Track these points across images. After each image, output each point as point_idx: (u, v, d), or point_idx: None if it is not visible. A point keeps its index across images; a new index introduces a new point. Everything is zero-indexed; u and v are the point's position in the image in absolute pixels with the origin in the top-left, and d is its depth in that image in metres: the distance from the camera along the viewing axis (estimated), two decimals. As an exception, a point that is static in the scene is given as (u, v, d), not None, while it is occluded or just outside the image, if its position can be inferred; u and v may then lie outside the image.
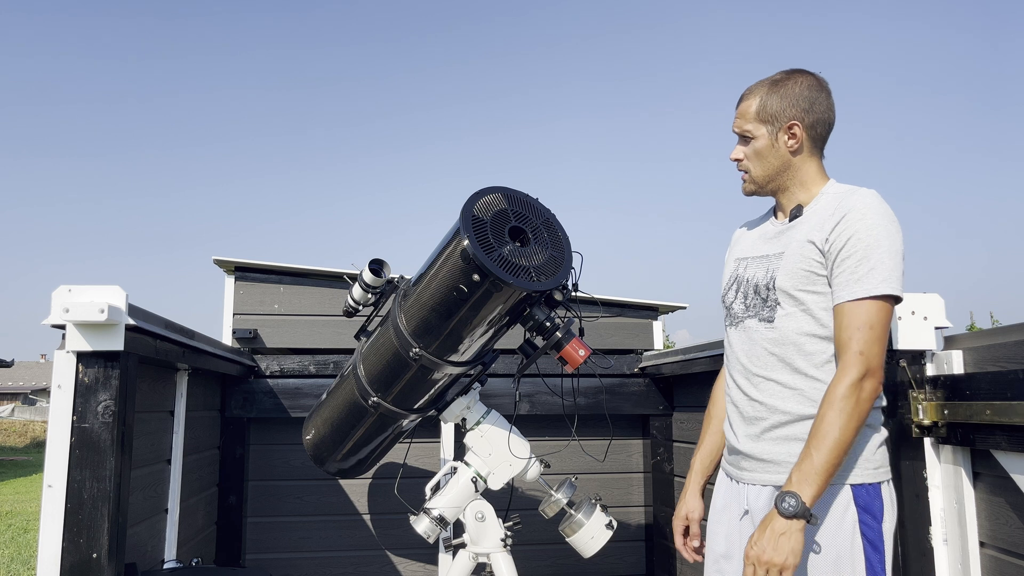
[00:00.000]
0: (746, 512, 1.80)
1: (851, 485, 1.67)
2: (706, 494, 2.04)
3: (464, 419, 2.43)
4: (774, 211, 1.94)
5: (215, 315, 3.56)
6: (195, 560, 2.83)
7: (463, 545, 2.39)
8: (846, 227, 1.66)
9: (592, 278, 3.15)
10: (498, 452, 2.37)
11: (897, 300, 1.65)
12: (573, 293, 2.08)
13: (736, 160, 1.87)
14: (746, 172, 1.85)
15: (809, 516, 1.56)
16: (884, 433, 1.75)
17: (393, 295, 2.35)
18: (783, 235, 1.81)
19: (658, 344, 3.81)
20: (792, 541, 1.55)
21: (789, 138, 1.79)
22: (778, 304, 1.75)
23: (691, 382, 3.42)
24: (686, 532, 2.04)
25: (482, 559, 2.38)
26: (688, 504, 2.04)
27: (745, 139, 1.84)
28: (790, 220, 1.81)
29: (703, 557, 1.99)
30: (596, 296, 2.41)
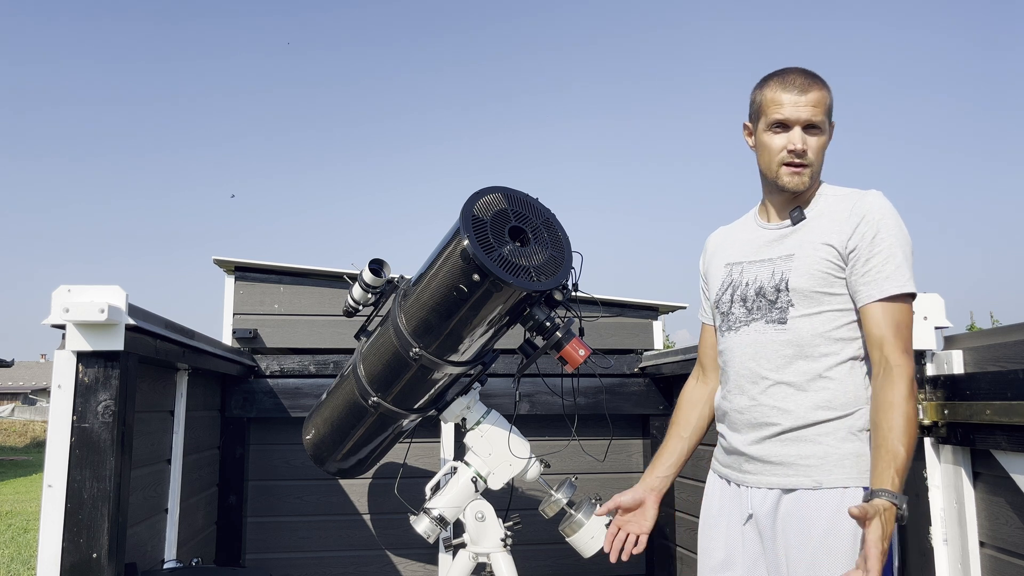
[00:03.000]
0: (750, 517, 1.76)
1: (864, 488, 1.66)
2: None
3: (464, 419, 2.43)
4: (757, 215, 1.91)
5: (215, 315, 3.57)
6: (195, 560, 2.83)
7: (463, 545, 2.39)
8: (868, 228, 1.67)
9: (592, 278, 3.15)
10: (498, 452, 2.37)
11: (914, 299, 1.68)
12: (573, 293, 2.08)
13: (802, 151, 1.71)
14: (808, 166, 1.73)
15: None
16: None
17: (393, 295, 2.35)
18: (788, 238, 1.79)
19: (658, 344, 3.81)
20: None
21: (830, 138, 1.79)
22: (791, 305, 1.73)
23: (691, 382, 3.41)
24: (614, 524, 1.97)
25: (482, 559, 2.38)
26: (630, 493, 1.96)
27: (812, 130, 1.72)
28: (793, 223, 1.79)
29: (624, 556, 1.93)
30: (596, 296, 2.41)
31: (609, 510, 1.99)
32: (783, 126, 1.73)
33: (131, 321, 1.98)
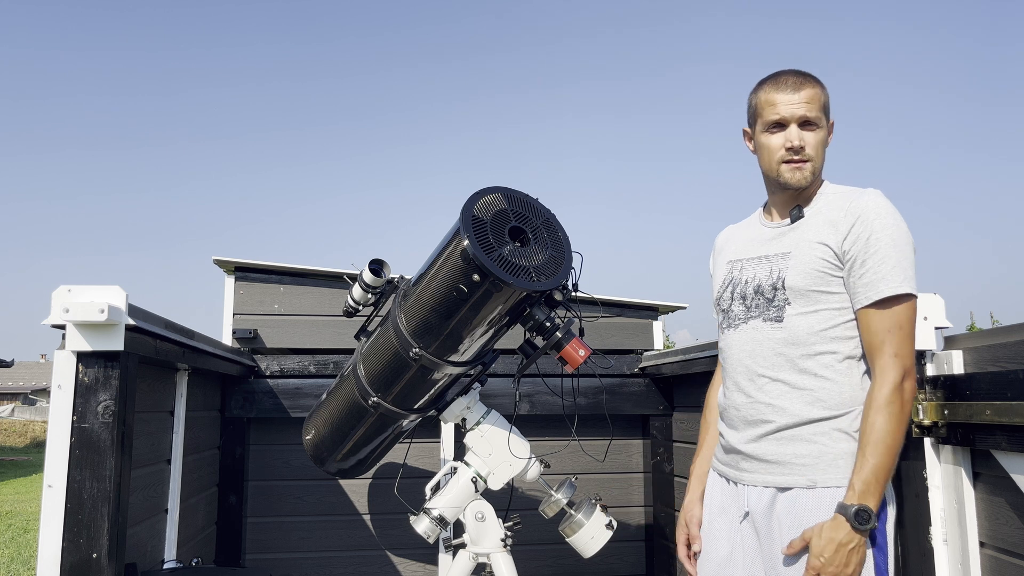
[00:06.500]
0: (747, 515, 1.78)
1: None
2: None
3: (464, 419, 2.43)
4: (762, 213, 1.92)
5: (215, 315, 3.57)
6: (195, 560, 2.83)
7: (463, 545, 2.39)
8: (863, 228, 1.67)
9: (592, 278, 3.16)
10: (498, 452, 2.37)
11: (915, 298, 1.67)
12: (573, 293, 2.08)
13: (800, 147, 1.74)
14: (808, 161, 1.75)
15: (873, 526, 1.59)
16: None
17: (393, 295, 2.35)
18: (785, 236, 1.80)
19: (658, 344, 3.81)
20: (860, 554, 1.58)
21: (830, 135, 1.80)
22: (788, 303, 1.74)
23: (691, 382, 3.42)
24: (689, 544, 2.00)
25: (482, 559, 2.38)
26: (689, 511, 2.00)
27: (809, 126, 1.74)
28: (792, 221, 1.80)
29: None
30: (596, 296, 2.41)
31: (693, 536, 1.98)
32: (780, 125, 1.76)
33: (131, 321, 1.98)
